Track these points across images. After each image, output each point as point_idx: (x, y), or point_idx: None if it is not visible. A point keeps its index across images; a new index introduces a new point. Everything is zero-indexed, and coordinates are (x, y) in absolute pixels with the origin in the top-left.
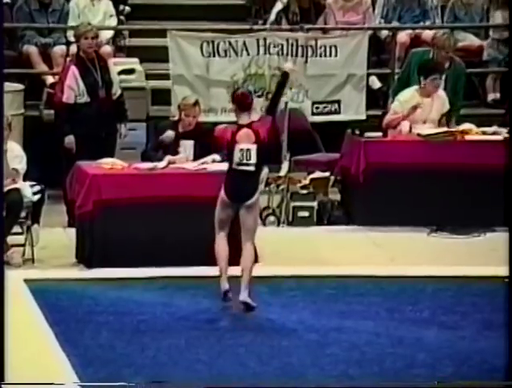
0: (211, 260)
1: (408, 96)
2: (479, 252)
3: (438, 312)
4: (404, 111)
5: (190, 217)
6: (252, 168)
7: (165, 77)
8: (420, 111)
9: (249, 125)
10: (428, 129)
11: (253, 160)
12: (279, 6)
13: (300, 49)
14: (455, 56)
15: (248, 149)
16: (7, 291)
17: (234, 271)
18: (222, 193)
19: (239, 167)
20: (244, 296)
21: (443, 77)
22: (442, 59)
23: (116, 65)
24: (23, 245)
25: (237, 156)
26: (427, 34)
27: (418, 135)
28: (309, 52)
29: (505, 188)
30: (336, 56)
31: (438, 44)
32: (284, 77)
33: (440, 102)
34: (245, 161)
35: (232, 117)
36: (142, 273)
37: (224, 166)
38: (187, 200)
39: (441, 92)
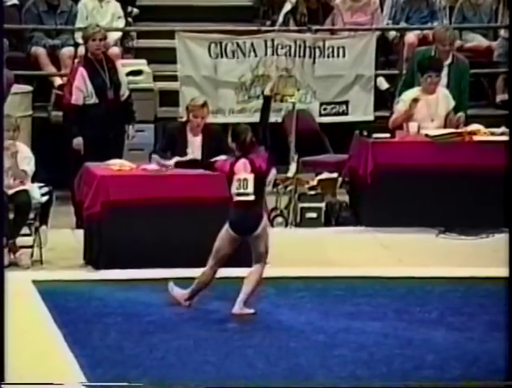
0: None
1: (411, 95)
2: (487, 253)
3: (446, 313)
4: (407, 106)
5: (198, 218)
6: (251, 198)
7: (173, 78)
8: (426, 108)
9: (245, 155)
10: (436, 130)
11: (250, 189)
12: (287, 7)
13: (307, 50)
14: (458, 53)
15: (245, 179)
16: (7, 293)
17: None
18: (227, 227)
19: (239, 198)
20: (236, 308)
21: (445, 73)
22: (443, 53)
23: (124, 66)
24: (32, 246)
25: (234, 186)
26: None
27: (426, 136)
28: (317, 53)
29: (505, 190)
30: (344, 57)
31: (437, 38)
32: (266, 101)
33: (445, 99)
34: (242, 190)
35: (239, 118)
36: (150, 274)
37: None
38: (195, 202)
39: (443, 89)
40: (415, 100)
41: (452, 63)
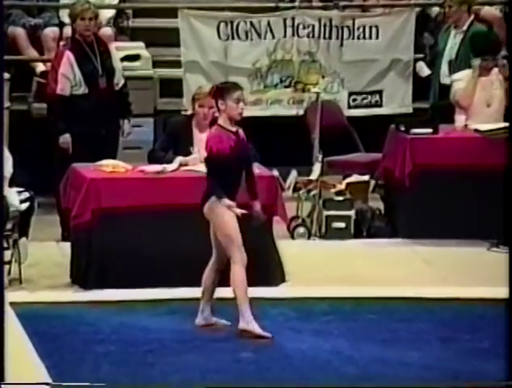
0: (227, 279)
1: (463, 74)
2: None
3: (500, 341)
4: (468, 80)
5: (204, 228)
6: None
7: (176, 64)
8: (480, 91)
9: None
10: (487, 125)
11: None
12: None
13: (334, 31)
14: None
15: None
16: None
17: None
18: None
19: None
20: (242, 324)
21: (457, 41)
22: (455, 14)
23: (118, 50)
24: (9, 262)
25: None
26: (486, 11)
27: (475, 131)
28: (345, 34)
29: (505, 199)
30: (377, 38)
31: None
32: None
33: (498, 78)
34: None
35: (253, 111)
36: (148, 295)
37: None
38: (201, 209)
39: (495, 69)
40: (479, 74)
41: (469, 29)
